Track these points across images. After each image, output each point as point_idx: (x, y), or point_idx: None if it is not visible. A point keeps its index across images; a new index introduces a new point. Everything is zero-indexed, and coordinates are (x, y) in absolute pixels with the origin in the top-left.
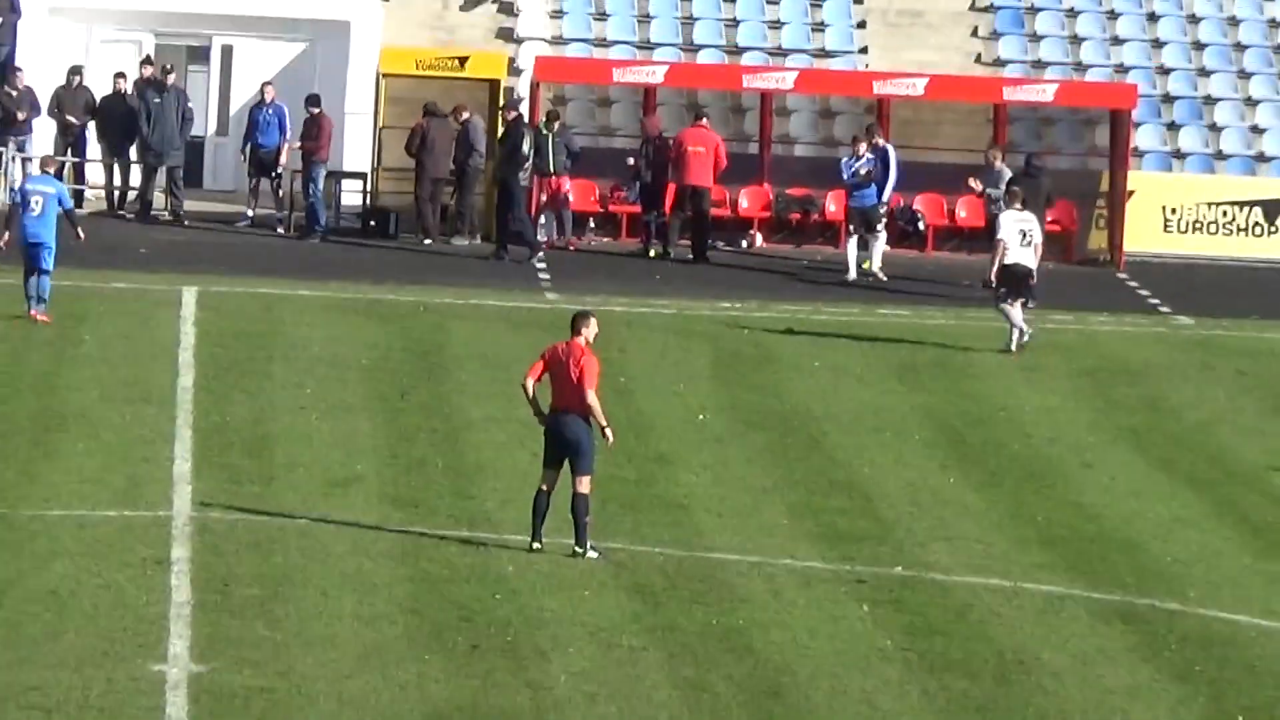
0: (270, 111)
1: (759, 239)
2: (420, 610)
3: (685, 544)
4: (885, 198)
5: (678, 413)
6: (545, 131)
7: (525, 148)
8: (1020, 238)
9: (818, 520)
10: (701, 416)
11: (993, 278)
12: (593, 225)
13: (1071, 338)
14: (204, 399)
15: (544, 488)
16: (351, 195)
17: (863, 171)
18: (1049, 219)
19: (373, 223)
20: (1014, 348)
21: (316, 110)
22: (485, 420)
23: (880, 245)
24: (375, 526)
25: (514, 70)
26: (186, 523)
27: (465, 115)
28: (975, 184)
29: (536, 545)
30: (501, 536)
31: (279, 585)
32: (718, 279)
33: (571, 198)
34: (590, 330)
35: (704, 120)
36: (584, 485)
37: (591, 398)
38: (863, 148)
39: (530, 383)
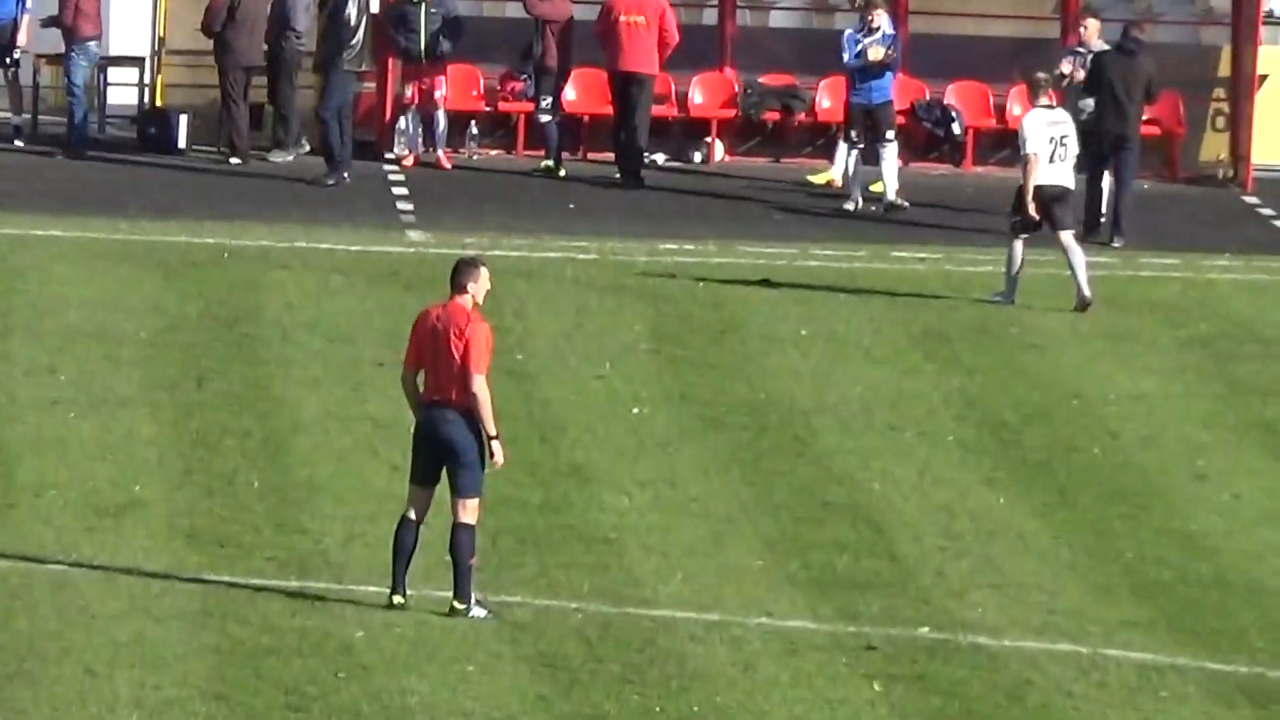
0: None
1: (719, 150)
2: (229, 695)
3: (614, 596)
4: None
5: (602, 406)
6: None
7: (352, 16)
8: (1052, 147)
9: (807, 560)
10: (636, 410)
11: (1029, 206)
12: (475, 131)
13: (1176, 292)
14: None
15: (411, 515)
16: (122, 91)
17: (874, 54)
18: (1145, 117)
19: (153, 130)
20: (996, 299)
21: None
22: (322, 419)
23: (893, 159)
24: (164, 574)
25: None
26: None
27: None
28: (1065, 64)
29: (399, 599)
30: (346, 587)
31: (23, 660)
32: (659, 209)
33: (445, 92)
34: (480, 286)
35: None
36: (469, 512)
37: (480, 386)
38: (878, 16)
39: (411, 375)
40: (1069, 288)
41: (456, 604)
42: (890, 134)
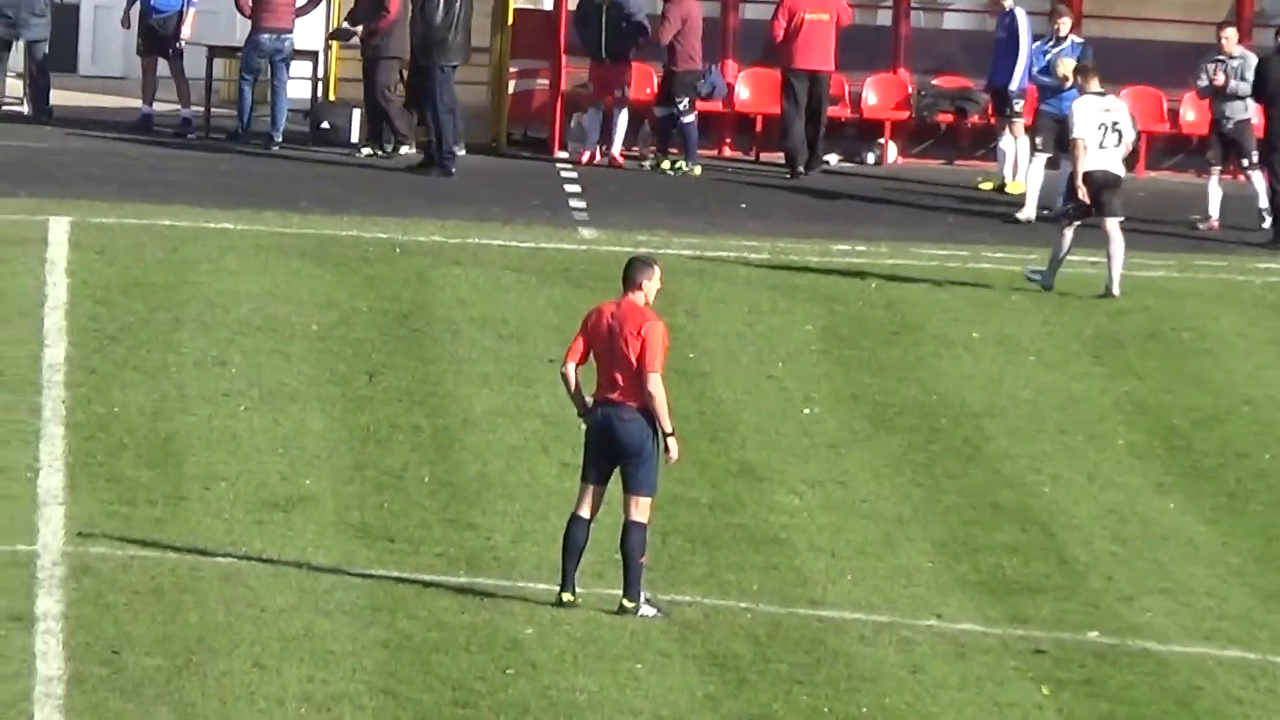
0: None
1: (893, 152)
2: (397, 690)
3: (783, 597)
4: (1016, 83)
5: (773, 406)
6: None
7: (439, 13)
8: (1101, 133)
9: (976, 563)
10: (808, 411)
11: (1079, 190)
12: (648, 130)
13: None
14: (81, 382)
15: (582, 513)
16: (297, 85)
17: (1063, 69)
18: None
19: (324, 125)
20: (1035, 276)
21: None
22: (491, 415)
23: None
24: (332, 569)
25: None
26: (58, 561)
27: None
28: (1216, 73)
29: (569, 596)
30: (515, 584)
31: (191, 653)
32: (831, 210)
33: (628, 92)
34: (653, 285)
35: None
36: (641, 510)
37: (656, 385)
38: (1064, 25)
39: (572, 368)
40: (1242, 294)
41: (626, 602)
42: None
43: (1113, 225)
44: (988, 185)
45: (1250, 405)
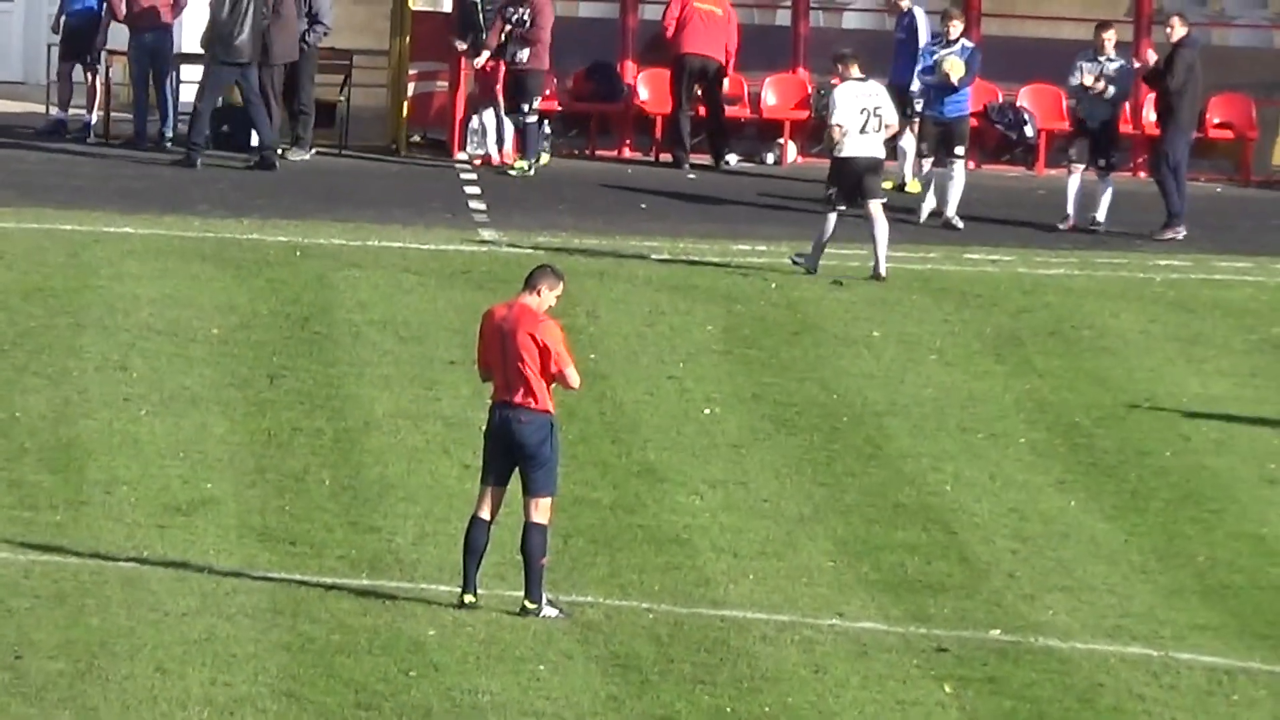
0: None
1: (792, 152)
2: (300, 693)
3: (686, 597)
4: (917, 82)
5: (674, 406)
6: None
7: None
8: (864, 118)
9: (878, 562)
10: (709, 411)
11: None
12: (548, 132)
13: (1248, 295)
14: None
15: (482, 514)
16: (192, 89)
17: (953, 72)
18: (1216, 121)
19: (225, 128)
20: (799, 260)
21: None
22: (392, 417)
23: (961, 176)
24: (234, 572)
25: None
26: None
27: None
28: (1088, 75)
29: (470, 598)
30: (418, 586)
31: (94, 657)
32: (732, 210)
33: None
34: (552, 295)
35: None
36: (542, 512)
37: (575, 379)
38: (955, 27)
39: (486, 374)
40: (1142, 291)
41: (528, 604)
42: (960, 150)
43: (875, 208)
44: (887, 184)
45: (1151, 402)
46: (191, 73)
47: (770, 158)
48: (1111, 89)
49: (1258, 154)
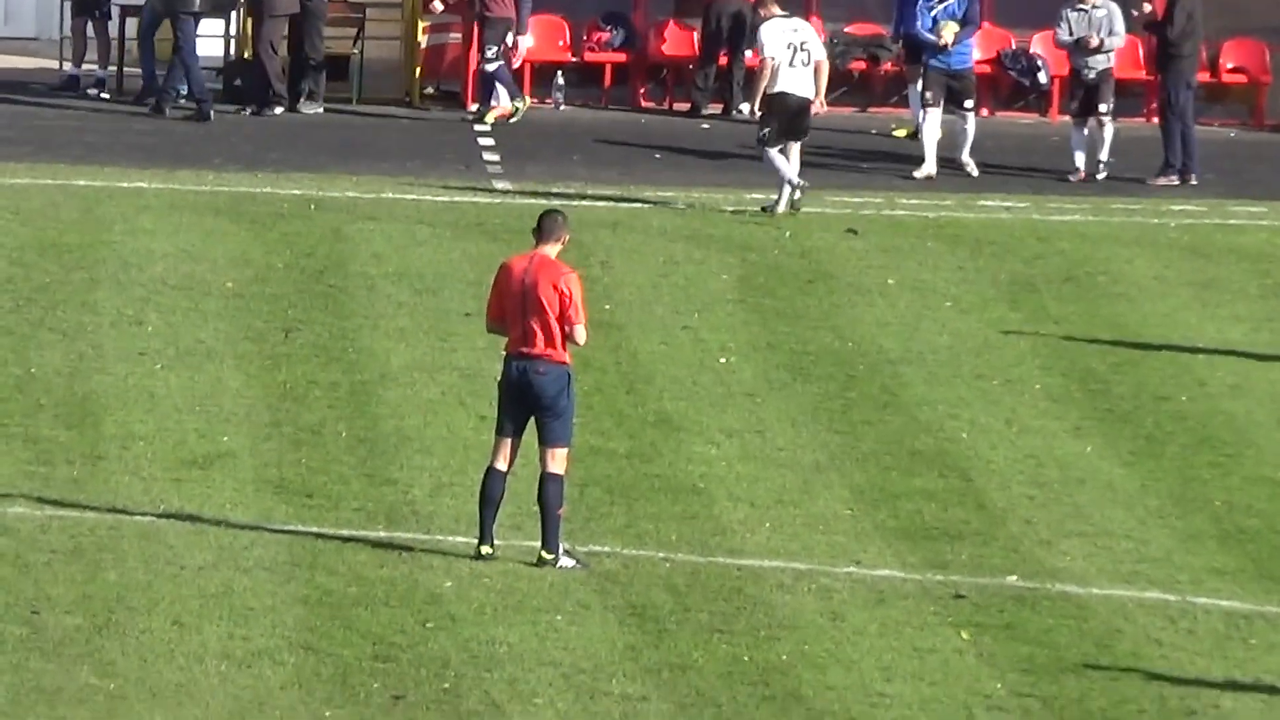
0: None
1: None
2: (317, 646)
3: (702, 546)
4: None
5: (689, 356)
6: None
7: None
8: (791, 53)
9: (895, 509)
10: (724, 360)
11: (756, 108)
12: (561, 82)
13: (1263, 240)
14: None
15: (499, 465)
16: (210, 43)
17: (947, 33)
18: (1229, 66)
19: (238, 82)
20: (782, 207)
21: None
22: (408, 369)
23: (972, 126)
24: (251, 526)
25: None
26: None
27: None
28: (1080, 27)
29: (487, 549)
30: (434, 538)
31: (111, 612)
32: (744, 160)
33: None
34: (561, 238)
35: None
36: (558, 462)
37: (582, 336)
38: None
39: (497, 325)
40: (1156, 237)
41: (545, 554)
42: (969, 102)
43: (795, 148)
44: (902, 132)
45: (1166, 348)
46: (213, 27)
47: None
48: (1114, 39)
49: (1271, 98)
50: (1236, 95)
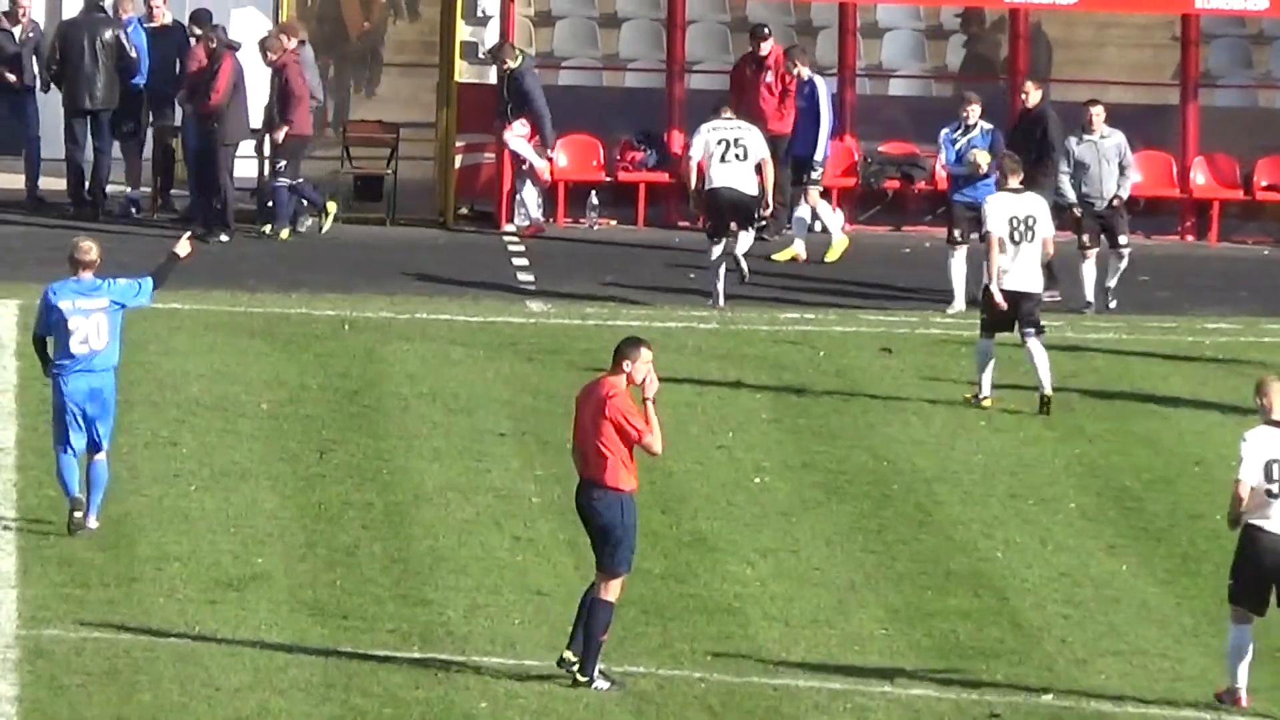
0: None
1: (840, 219)
2: None
3: (738, 667)
4: (820, 153)
5: (723, 475)
6: None
7: None
8: (722, 150)
9: (930, 629)
10: (758, 479)
11: (693, 207)
12: (595, 202)
13: None
14: (32, 465)
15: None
16: (243, 164)
17: (981, 159)
18: (1263, 184)
19: (270, 204)
20: (721, 303)
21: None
22: (442, 490)
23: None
24: (286, 647)
25: None
26: (10, 645)
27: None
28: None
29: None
30: (469, 658)
31: None
32: (779, 278)
33: (527, 164)
34: (639, 367)
35: (767, 40)
36: (610, 590)
37: (654, 443)
38: (973, 111)
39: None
40: (1191, 354)
41: (579, 676)
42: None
43: (743, 242)
44: (785, 256)
45: (1201, 465)
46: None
47: (819, 225)
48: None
49: None
50: (1270, 213)
